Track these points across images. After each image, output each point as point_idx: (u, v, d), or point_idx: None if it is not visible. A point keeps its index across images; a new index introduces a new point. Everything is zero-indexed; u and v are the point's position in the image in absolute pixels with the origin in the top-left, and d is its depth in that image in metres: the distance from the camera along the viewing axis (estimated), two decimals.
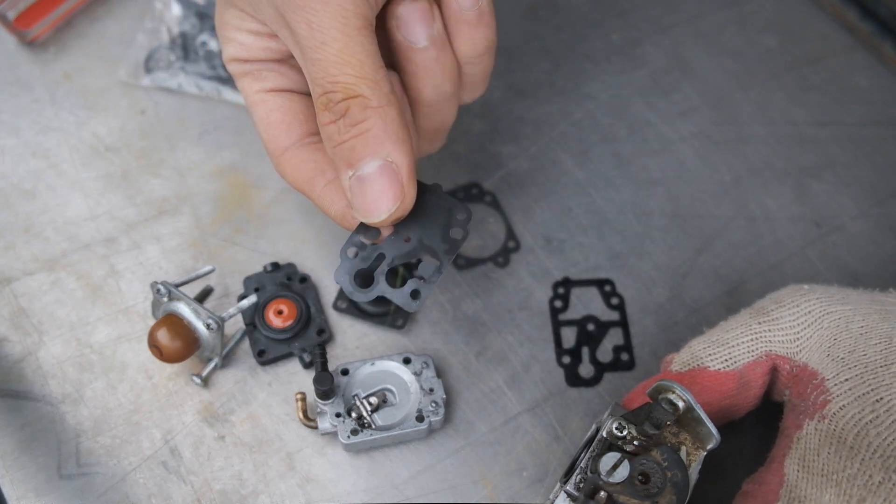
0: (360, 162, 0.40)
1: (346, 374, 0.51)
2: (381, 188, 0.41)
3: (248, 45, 0.45)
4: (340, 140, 0.40)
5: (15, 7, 0.61)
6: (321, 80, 0.40)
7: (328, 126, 0.41)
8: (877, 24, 0.67)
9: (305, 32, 0.39)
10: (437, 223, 0.45)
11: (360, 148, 0.40)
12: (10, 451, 0.50)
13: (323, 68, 0.40)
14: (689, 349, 0.47)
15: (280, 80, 0.46)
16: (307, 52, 0.40)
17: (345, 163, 0.41)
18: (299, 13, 0.39)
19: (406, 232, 0.44)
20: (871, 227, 0.60)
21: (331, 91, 0.40)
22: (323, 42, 0.39)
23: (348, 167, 0.41)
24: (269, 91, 0.46)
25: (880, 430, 0.40)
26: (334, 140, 0.41)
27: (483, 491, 0.50)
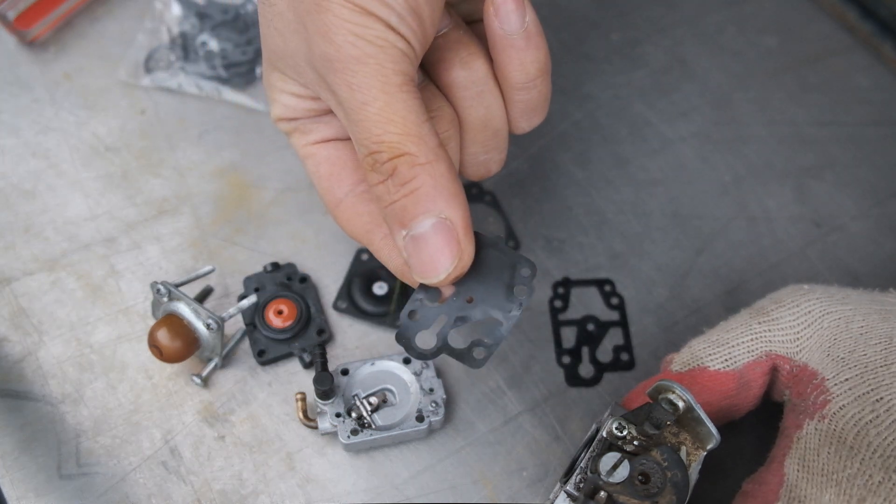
0: (412, 221, 0.39)
1: (346, 374, 0.51)
2: (437, 247, 0.39)
3: (292, 106, 0.45)
4: (391, 200, 0.39)
5: (15, 7, 0.61)
6: (365, 141, 0.39)
7: (377, 187, 0.40)
8: (877, 24, 0.67)
9: (346, 94, 0.39)
10: (501, 280, 0.42)
11: (412, 207, 0.39)
12: (10, 451, 0.50)
13: (366, 129, 0.39)
14: (689, 349, 0.47)
15: (326, 130, 0.46)
16: (350, 113, 0.39)
17: (398, 222, 0.40)
18: (339, 75, 0.39)
19: (468, 292, 0.42)
20: (871, 227, 0.60)
21: (376, 151, 0.39)
22: (364, 102, 0.39)
23: (401, 227, 0.40)
24: (315, 143, 0.46)
25: (880, 429, 0.40)
26: (385, 200, 0.40)
27: (483, 491, 0.50)
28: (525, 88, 0.44)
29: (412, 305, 0.42)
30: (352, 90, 0.39)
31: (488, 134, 0.45)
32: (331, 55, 0.39)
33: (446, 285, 0.42)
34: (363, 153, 0.40)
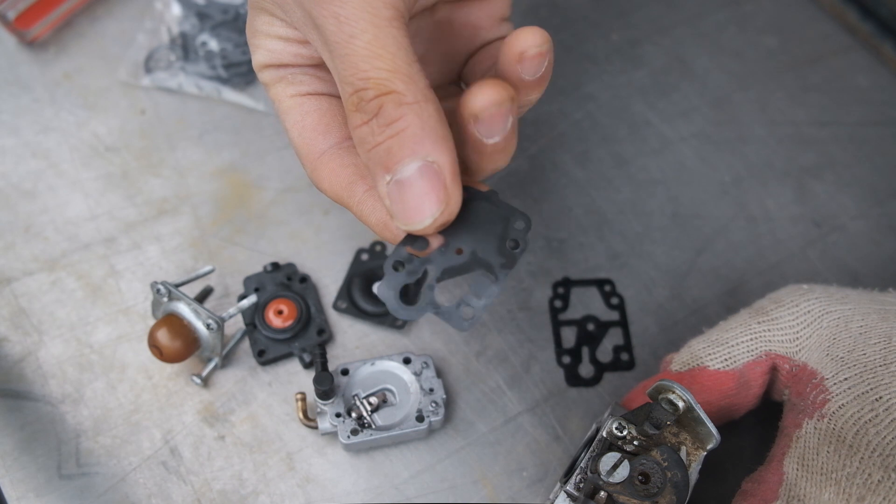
0: (397, 164, 0.36)
1: (346, 374, 0.51)
2: (423, 191, 0.37)
3: (278, 51, 0.43)
4: (375, 142, 0.37)
5: (15, 7, 0.61)
6: (350, 78, 0.37)
7: (361, 128, 0.37)
8: (877, 24, 0.67)
9: (333, 27, 0.36)
10: (493, 233, 0.40)
11: (397, 149, 0.36)
12: (10, 451, 0.50)
13: (352, 63, 0.36)
14: (689, 349, 0.47)
15: (316, 83, 0.44)
16: (335, 48, 0.37)
17: (381, 167, 0.37)
18: (326, 7, 0.37)
19: (458, 243, 0.40)
20: (871, 227, 0.60)
21: (362, 89, 0.36)
22: (351, 35, 0.36)
23: (385, 171, 0.37)
24: (304, 95, 0.44)
25: (879, 428, 0.40)
26: (368, 143, 0.37)
27: (483, 491, 0.50)
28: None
29: (396, 256, 0.39)
30: (339, 22, 0.36)
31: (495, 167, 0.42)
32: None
33: (432, 234, 0.39)
34: (348, 91, 0.37)
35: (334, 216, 0.59)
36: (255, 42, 0.44)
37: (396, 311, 0.39)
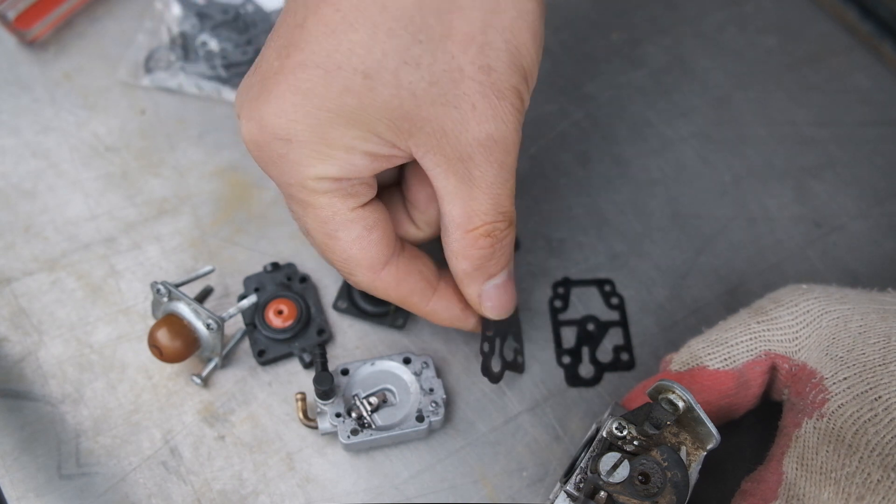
0: (499, 273, 0.47)
1: (346, 374, 0.51)
2: (510, 292, 0.49)
3: (358, 167, 0.41)
4: (490, 259, 0.46)
5: (15, 7, 0.61)
6: (492, 212, 0.43)
7: (485, 250, 0.45)
8: (877, 24, 0.67)
9: (495, 171, 0.42)
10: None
11: (501, 262, 0.47)
12: (10, 451, 0.50)
13: (500, 203, 0.43)
14: (688, 349, 0.47)
15: (370, 192, 0.44)
16: (488, 188, 0.43)
17: (486, 275, 0.47)
18: (493, 156, 0.42)
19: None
20: (871, 227, 0.60)
21: (501, 221, 0.44)
22: (507, 180, 0.43)
23: (488, 279, 0.47)
24: (363, 206, 0.44)
25: (878, 428, 0.40)
26: (484, 259, 0.45)
27: (483, 491, 0.50)
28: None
29: (484, 340, 0.50)
30: (502, 169, 0.42)
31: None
32: (494, 136, 0.41)
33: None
34: (481, 221, 0.44)
35: None
36: (326, 152, 0.41)
37: (494, 379, 0.50)
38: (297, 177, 0.42)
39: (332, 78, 0.39)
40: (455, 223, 0.44)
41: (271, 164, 0.42)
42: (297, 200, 0.43)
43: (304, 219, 0.44)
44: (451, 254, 0.46)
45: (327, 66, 0.39)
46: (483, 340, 0.50)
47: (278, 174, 0.42)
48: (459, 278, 0.47)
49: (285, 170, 0.42)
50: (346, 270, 0.45)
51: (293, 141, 0.40)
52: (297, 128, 0.40)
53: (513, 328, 0.54)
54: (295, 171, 0.42)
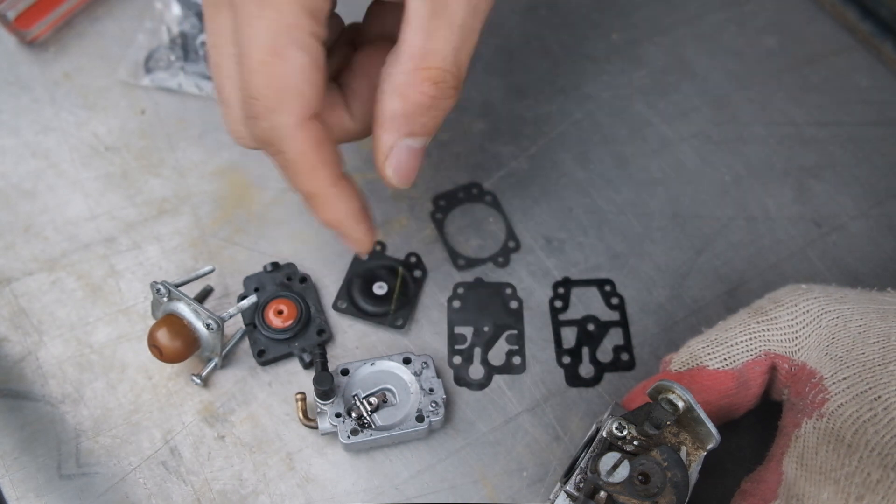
0: (420, 136, 0.42)
1: (346, 374, 0.51)
2: (416, 163, 0.44)
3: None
4: (423, 110, 0.41)
5: (15, 7, 0.61)
6: (450, 59, 0.40)
7: (424, 97, 0.41)
8: (877, 24, 0.67)
9: (468, 14, 0.40)
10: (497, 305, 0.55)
11: (429, 124, 0.42)
12: (10, 451, 0.50)
13: (459, 53, 0.40)
14: (688, 349, 0.47)
15: (325, 35, 0.41)
16: (456, 29, 0.40)
17: (409, 129, 0.42)
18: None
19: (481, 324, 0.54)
20: (871, 227, 0.60)
21: (452, 73, 0.41)
22: (473, 31, 0.40)
23: (409, 135, 0.42)
24: (317, 38, 0.40)
25: (878, 427, 0.40)
26: (415, 107, 0.41)
27: (483, 491, 0.50)
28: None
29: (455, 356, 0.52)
30: (475, 13, 0.40)
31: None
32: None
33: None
34: (438, 63, 0.40)
35: None
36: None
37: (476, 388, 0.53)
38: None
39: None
40: (409, 54, 0.40)
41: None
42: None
43: (252, 22, 0.38)
44: (388, 88, 0.41)
45: None
46: (452, 354, 0.53)
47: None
48: (382, 120, 0.42)
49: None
50: (273, 104, 0.39)
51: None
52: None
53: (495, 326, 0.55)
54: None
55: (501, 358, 0.54)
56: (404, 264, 0.57)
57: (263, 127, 0.40)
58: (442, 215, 0.59)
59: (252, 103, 0.39)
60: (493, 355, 0.54)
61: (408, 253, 0.58)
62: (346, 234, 0.45)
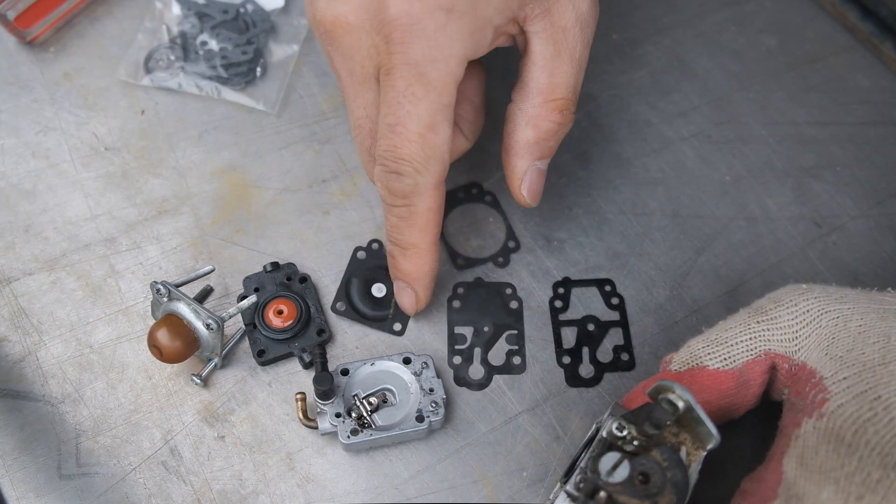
0: (546, 158, 0.51)
1: (345, 374, 0.51)
2: (542, 183, 0.52)
3: (485, 45, 0.46)
4: (552, 136, 0.49)
5: (15, 7, 0.61)
6: (572, 89, 0.48)
7: (553, 125, 0.48)
8: (877, 24, 0.67)
9: (583, 48, 0.47)
10: (497, 305, 0.56)
11: (554, 147, 0.50)
12: (10, 451, 0.50)
13: (578, 82, 0.48)
14: (688, 348, 0.47)
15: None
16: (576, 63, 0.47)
17: (539, 153, 0.50)
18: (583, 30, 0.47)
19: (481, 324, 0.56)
20: (871, 227, 0.60)
21: (573, 101, 0.48)
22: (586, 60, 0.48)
23: (539, 158, 0.50)
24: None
25: (878, 427, 0.40)
26: (547, 134, 0.48)
27: (483, 491, 0.50)
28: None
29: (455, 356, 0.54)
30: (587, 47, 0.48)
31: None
32: (589, 13, 0.48)
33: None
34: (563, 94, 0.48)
35: (334, 216, 0.59)
36: (481, 27, 0.45)
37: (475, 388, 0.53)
38: (450, 52, 0.43)
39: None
40: (539, 89, 0.47)
41: (422, 37, 0.42)
42: (426, 81, 0.43)
43: (416, 102, 0.43)
44: (521, 121, 0.48)
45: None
46: (452, 354, 0.54)
47: (426, 49, 0.42)
48: (517, 149, 0.49)
49: (439, 43, 0.42)
50: (420, 168, 0.45)
51: (454, 11, 0.42)
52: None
53: (495, 327, 0.55)
54: (449, 46, 0.42)
55: (501, 358, 0.54)
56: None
57: (407, 183, 0.46)
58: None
59: (400, 164, 0.45)
60: (493, 355, 0.54)
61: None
62: (416, 288, 0.51)
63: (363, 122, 0.48)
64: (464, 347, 0.54)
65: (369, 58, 0.45)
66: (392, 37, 0.42)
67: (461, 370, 0.54)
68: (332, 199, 0.60)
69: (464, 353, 0.54)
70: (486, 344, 0.55)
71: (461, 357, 0.54)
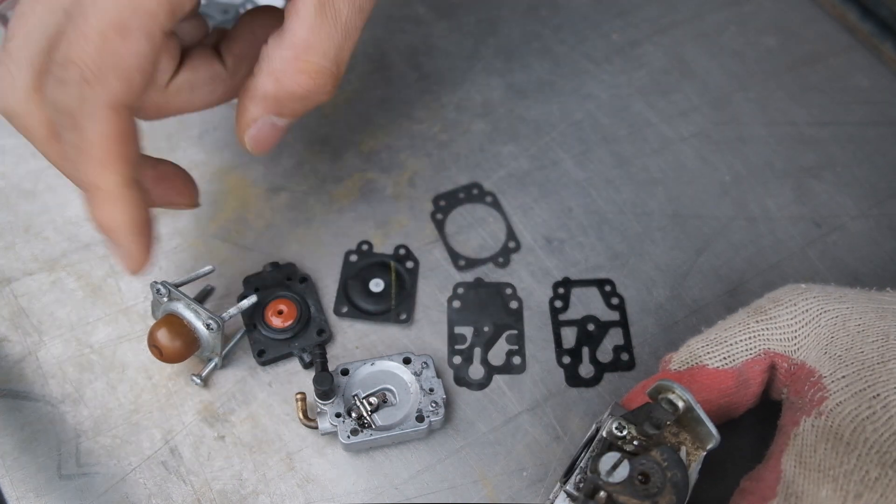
0: (289, 118, 0.45)
1: (346, 374, 0.51)
2: (276, 138, 0.46)
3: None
4: (294, 100, 0.43)
5: (15, 7, 0.61)
6: (330, 57, 0.41)
7: (298, 89, 0.42)
8: (877, 24, 0.67)
9: (353, 14, 0.41)
10: (497, 305, 0.56)
11: (299, 109, 0.44)
12: (10, 451, 0.50)
13: (340, 53, 0.42)
14: (688, 348, 0.47)
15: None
16: (340, 28, 0.41)
17: (275, 110, 0.44)
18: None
19: (480, 324, 0.55)
20: (871, 227, 0.60)
21: (331, 73, 0.42)
22: (356, 30, 0.42)
23: (275, 114, 0.44)
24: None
25: (877, 426, 0.40)
26: (287, 96, 0.42)
27: (483, 491, 0.50)
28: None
29: (455, 356, 0.53)
30: (359, 13, 0.41)
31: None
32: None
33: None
34: (319, 59, 0.41)
35: (334, 216, 0.59)
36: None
37: (475, 388, 0.53)
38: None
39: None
40: (292, 42, 0.40)
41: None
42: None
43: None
44: (264, 68, 0.42)
45: None
46: (452, 354, 0.53)
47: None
48: (252, 94, 0.43)
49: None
50: (92, 76, 0.37)
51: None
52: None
53: (495, 327, 0.55)
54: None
55: (501, 358, 0.54)
56: (394, 258, 0.57)
57: (70, 93, 0.37)
58: (442, 215, 0.59)
59: (67, 66, 0.36)
60: (493, 355, 0.54)
61: (396, 246, 0.58)
62: (120, 242, 0.42)
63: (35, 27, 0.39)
64: (464, 347, 0.54)
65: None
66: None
67: (461, 370, 0.54)
68: (332, 198, 0.60)
69: (464, 353, 0.54)
70: (486, 344, 0.55)
71: (461, 357, 0.54)
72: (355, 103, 0.65)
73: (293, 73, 0.41)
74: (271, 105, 0.43)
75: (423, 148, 0.63)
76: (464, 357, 0.54)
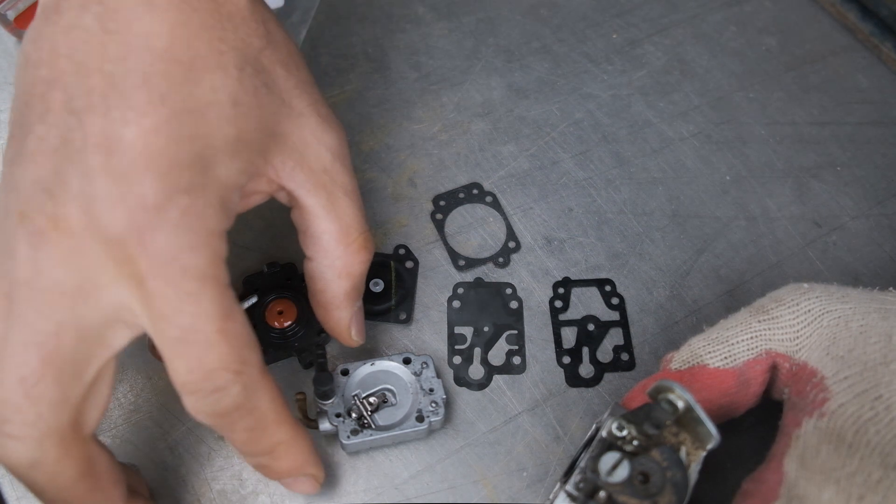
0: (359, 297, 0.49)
1: (345, 374, 0.51)
2: (363, 315, 0.51)
3: (235, 206, 0.43)
4: (363, 277, 0.47)
5: (15, 7, 0.61)
6: (361, 222, 0.46)
7: (364, 265, 0.46)
8: (877, 24, 0.67)
9: (350, 178, 0.46)
10: (498, 305, 0.56)
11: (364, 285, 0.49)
12: None
13: (362, 213, 0.46)
14: (689, 347, 0.47)
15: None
16: (352, 197, 0.46)
17: (357, 296, 0.48)
18: (343, 161, 0.46)
19: (481, 324, 0.55)
20: (871, 227, 0.60)
21: (367, 232, 0.47)
22: (357, 187, 0.47)
23: (357, 299, 0.48)
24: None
25: (879, 427, 0.40)
26: (360, 277, 0.47)
27: (483, 491, 0.50)
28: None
29: (455, 356, 0.54)
30: (353, 175, 0.47)
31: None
32: (340, 140, 0.45)
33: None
34: (357, 232, 0.46)
35: None
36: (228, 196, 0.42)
37: (475, 388, 0.53)
38: (204, 231, 0.40)
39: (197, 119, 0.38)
40: (334, 239, 0.44)
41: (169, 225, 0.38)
42: (192, 274, 0.38)
43: (198, 304, 0.38)
44: (331, 276, 0.45)
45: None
46: (452, 354, 0.53)
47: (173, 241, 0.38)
48: (338, 303, 0.46)
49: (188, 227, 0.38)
50: (238, 364, 0.38)
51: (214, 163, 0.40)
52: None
53: (495, 327, 0.55)
54: (201, 226, 0.39)
55: (501, 358, 0.54)
56: (394, 257, 0.57)
57: (235, 393, 0.38)
58: (442, 215, 0.59)
59: (216, 377, 0.38)
60: (493, 355, 0.54)
61: (396, 246, 0.58)
62: (307, 472, 0.45)
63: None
64: (464, 347, 0.54)
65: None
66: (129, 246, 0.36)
67: (461, 370, 0.54)
68: None
69: (464, 353, 0.54)
70: (486, 344, 0.55)
71: (461, 357, 0.54)
72: (355, 103, 0.65)
73: (353, 257, 0.45)
74: (354, 297, 0.47)
75: (423, 148, 0.63)
76: (464, 357, 0.54)
